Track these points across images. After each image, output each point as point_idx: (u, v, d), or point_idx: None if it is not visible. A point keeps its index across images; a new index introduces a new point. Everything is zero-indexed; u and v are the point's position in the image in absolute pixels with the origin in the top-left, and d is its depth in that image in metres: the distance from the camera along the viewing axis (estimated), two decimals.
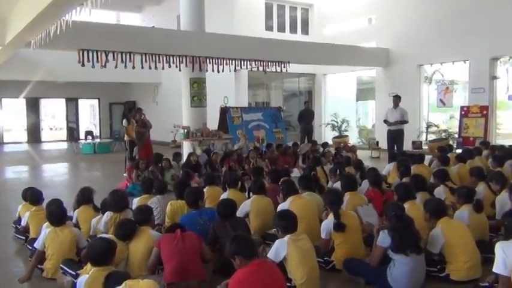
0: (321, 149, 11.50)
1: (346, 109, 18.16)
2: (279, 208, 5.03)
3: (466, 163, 7.64)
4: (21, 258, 5.00)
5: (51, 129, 23.97)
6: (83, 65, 10.16)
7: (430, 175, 6.63)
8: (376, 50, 15.71)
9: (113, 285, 2.99)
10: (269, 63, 13.18)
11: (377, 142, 14.15)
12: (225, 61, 12.20)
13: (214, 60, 12.05)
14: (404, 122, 11.23)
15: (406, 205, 4.83)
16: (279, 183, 5.78)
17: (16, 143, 21.05)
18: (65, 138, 18.52)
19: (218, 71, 12.04)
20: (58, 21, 7.28)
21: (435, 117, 15.06)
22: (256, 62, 13.01)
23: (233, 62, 12.39)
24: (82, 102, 24.02)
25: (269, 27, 17.65)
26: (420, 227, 4.45)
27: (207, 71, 12.19)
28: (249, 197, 5.73)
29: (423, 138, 14.60)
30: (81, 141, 17.71)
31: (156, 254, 3.99)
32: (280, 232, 3.94)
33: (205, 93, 12.32)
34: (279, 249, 3.83)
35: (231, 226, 4.46)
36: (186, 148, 12.00)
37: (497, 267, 3.30)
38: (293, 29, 18.44)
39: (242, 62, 12.63)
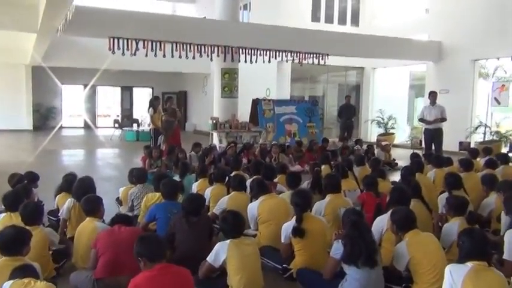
0: (355, 147, 10.93)
1: (396, 105, 17.13)
2: (248, 208, 4.68)
3: (496, 170, 6.77)
4: None
5: (103, 116, 24.65)
6: (113, 52, 10.30)
7: None
8: (427, 43, 14.58)
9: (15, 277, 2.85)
10: (306, 55, 12.64)
11: (420, 141, 13.17)
12: (258, 51, 11.81)
13: (247, 51, 11.72)
14: (444, 119, 10.36)
15: None
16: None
17: (73, 128, 22.05)
18: (116, 125, 19.00)
19: (251, 62, 11.70)
20: (69, 6, 7.35)
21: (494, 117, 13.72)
22: (292, 54, 12.51)
23: (267, 52, 11.95)
24: (137, 91, 24.70)
25: (316, 18, 16.98)
26: None
27: (239, 61, 11.92)
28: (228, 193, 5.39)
29: (475, 138, 13.44)
30: (126, 128, 18.08)
31: (94, 256, 3.75)
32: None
33: (237, 84, 12.08)
34: (219, 252, 3.54)
35: (192, 224, 4.16)
36: (215, 139, 11.88)
37: None
38: (342, 20, 17.59)
39: (277, 53, 12.16)
